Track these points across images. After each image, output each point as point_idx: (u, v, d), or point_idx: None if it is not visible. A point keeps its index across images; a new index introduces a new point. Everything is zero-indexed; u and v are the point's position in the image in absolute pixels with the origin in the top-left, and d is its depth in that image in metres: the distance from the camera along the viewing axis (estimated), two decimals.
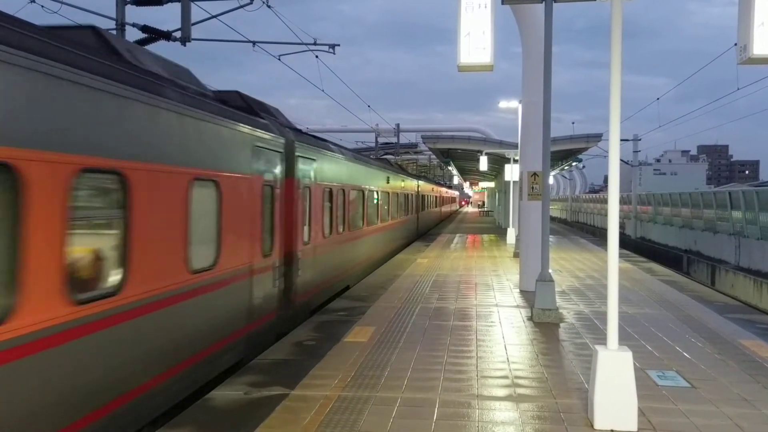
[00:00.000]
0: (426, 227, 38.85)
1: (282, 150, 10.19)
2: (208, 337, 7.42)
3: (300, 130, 12.67)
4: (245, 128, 8.59)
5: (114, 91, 5.52)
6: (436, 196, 48.24)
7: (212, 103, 7.78)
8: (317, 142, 13.09)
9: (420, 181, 35.51)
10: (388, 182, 22.35)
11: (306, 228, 11.43)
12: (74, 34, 6.62)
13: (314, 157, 12.04)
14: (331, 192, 13.47)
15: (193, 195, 6.93)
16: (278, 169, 9.99)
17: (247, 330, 8.56)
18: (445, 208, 62.29)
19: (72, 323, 4.94)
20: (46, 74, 4.66)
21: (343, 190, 14.67)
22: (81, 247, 5.20)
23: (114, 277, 5.64)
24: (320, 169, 12.52)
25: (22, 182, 4.38)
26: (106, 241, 5.63)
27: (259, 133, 9.13)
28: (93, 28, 7.06)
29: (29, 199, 4.44)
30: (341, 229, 14.42)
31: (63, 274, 4.83)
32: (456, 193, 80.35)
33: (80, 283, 5.13)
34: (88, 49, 5.60)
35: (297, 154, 10.87)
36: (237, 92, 10.73)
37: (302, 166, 11.20)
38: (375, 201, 19.56)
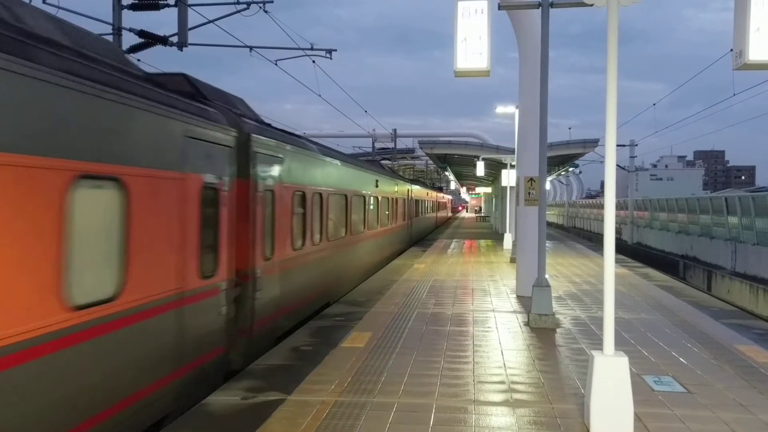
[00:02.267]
0: (420, 234, 36.40)
1: (232, 144, 8.26)
2: (108, 396, 5.50)
3: (267, 124, 10.96)
4: (172, 113, 6.66)
5: None
6: (432, 202, 46.36)
7: (116, 76, 5.80)
8: (286, 137, 11.02)
9: (413, 186, 33.43)
10: (377, 186, 20.33)
11: (268, 239, 9.50)
12: None
13: (279, 155, 10.06)
14: (303, 196, 11.47)
15: (76, 198, 5.05)
16: (227, 168, 8.08)
17: (175, 377, 6.71)
18: (441, 214, 59.78)
19: None
20: None
21: (321, 195, 12.74)
22: None
23: None
24: (288, 169, 10.53)
25: None
26: None
27: (197, 121, 7.24)
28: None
29: None
30: (317, 240, 12.47)
31: None
32: (448, 197, 74.59)
33: None
34: None
35: (255, 149, 8.97)
36: (183, 75, 9.11)
37: (262, 165, 9.27)
38: (362, 207, 17.77)
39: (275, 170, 9.91)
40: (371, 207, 19.33)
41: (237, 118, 8.84)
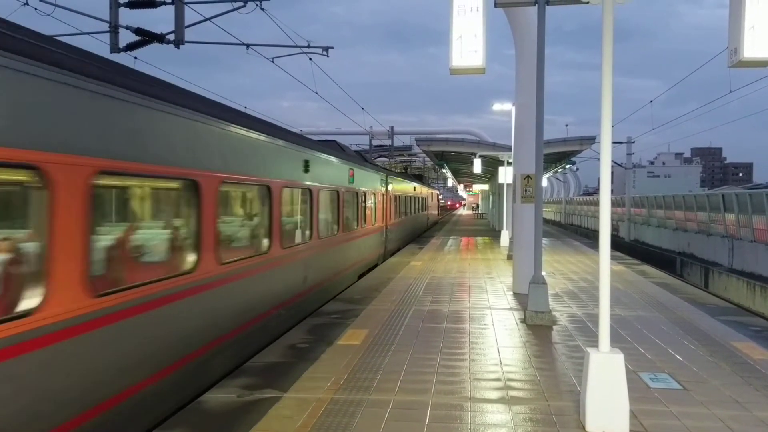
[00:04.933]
0: (399, 242, 27.48)
1: None
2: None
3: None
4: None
5: None
6: (416, 198, 35.86)
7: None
8: None
9: (392, 177, 25.83)
10: (306, 171, 12.10)
11: None
12: None
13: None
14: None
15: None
16: None
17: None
18: (432, 212, 50.59)
19: None
20: None
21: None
22: None
23: None
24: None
25: None
26: None
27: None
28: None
29: None
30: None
31: None
32: (435, 192, 57.92)
33: None
34: None
35: None
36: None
37: None
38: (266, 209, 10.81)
39: None
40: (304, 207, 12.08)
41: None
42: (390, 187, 24.41)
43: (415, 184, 35.29)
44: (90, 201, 5.36)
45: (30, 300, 4.75)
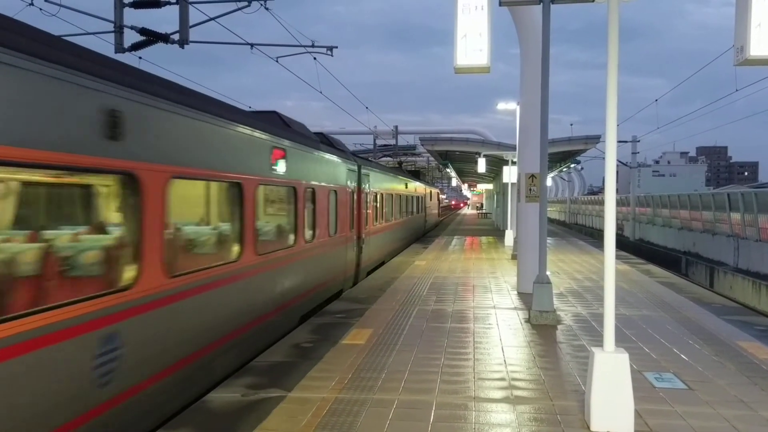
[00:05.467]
0: (383, 254, 21.72)
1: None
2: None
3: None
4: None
5: None
6: (410, 197, 30.45)
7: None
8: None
9: (370, 169, 19.23)
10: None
11: None
12: None
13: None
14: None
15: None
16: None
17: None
18: (432, 212, 44.96)
19: None
20: None
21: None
22: None
23: None
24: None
25: None
26: None
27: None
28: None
29: None
30: None
31: None
32: (435, 190, 50.75)
33: None
34: None
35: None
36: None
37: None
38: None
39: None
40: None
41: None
42: (368, 182, 18.17)
43: (408, 180, 29.59)
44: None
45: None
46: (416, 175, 41.68)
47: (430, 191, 43.71)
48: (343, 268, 14.92)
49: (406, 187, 28.57)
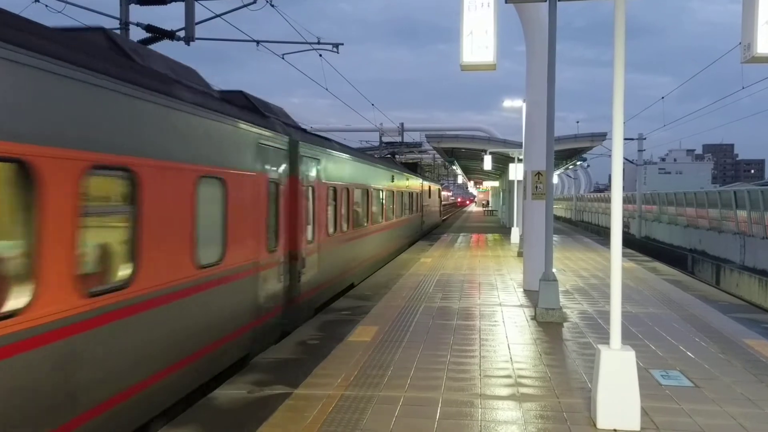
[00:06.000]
0: (347, 276, 15.77)
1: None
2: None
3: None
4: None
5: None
6: (400, 194, 25.01)
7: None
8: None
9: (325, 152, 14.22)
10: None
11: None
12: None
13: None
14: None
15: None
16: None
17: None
18: (432, 210, 40.21)
19: None
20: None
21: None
22: None
23: None
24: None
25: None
26: None
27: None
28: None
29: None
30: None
31: None
32: (436, 186, 44.53)
33: None
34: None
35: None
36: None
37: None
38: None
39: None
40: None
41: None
42: (314, 169, 11.93)
43: (395, 172, 23.48)
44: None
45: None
46: (413, 167, 35.91)
47: (429, 187, 37.38)
48: (245, 317, 8.49)
49: (393, 181, 22.66)
